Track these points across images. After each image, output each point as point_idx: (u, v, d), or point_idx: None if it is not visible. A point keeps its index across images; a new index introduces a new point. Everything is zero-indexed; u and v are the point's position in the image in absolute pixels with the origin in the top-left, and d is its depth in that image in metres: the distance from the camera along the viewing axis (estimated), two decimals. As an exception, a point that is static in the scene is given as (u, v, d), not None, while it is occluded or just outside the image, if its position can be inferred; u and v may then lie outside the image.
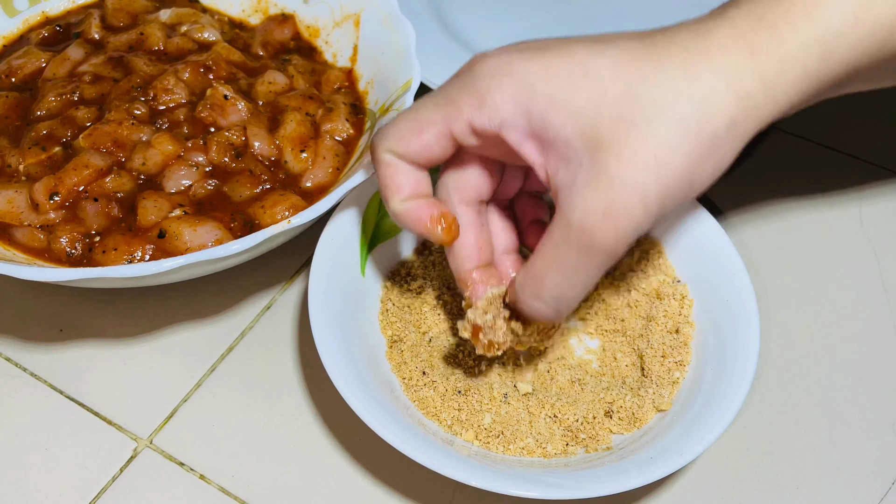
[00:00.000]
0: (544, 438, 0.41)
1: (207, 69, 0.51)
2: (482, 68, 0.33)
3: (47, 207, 0.45)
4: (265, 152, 0.49)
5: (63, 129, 0.48)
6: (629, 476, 0.37)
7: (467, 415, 0.42)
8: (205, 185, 0.47)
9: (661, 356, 0.44)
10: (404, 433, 0.38)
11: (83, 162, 0.46)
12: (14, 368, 0.47)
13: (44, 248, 0.45)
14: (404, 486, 0.43)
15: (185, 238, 0.44)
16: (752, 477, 0.44)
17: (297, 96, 0.51)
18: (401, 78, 0.49)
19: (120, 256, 0.43)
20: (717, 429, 0.39)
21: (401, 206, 0.37)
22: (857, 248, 0.54)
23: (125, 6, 0.56)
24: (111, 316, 0.49)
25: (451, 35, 0.64)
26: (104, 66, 0.52)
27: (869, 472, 0.44)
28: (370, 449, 0.44)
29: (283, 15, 0.58)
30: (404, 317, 0.46)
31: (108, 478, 0.43)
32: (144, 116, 0.49)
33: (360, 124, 0.51)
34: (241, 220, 0.45)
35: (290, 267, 0.51)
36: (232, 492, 0.42)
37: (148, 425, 0.45)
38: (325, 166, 0.48)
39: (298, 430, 0.45)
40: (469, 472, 0.37)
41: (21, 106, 0.51)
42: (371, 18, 0.54)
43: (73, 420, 0.45)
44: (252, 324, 0.49)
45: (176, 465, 0.43)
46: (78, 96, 0.51)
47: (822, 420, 0.46)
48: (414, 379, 0.43)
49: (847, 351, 0.49)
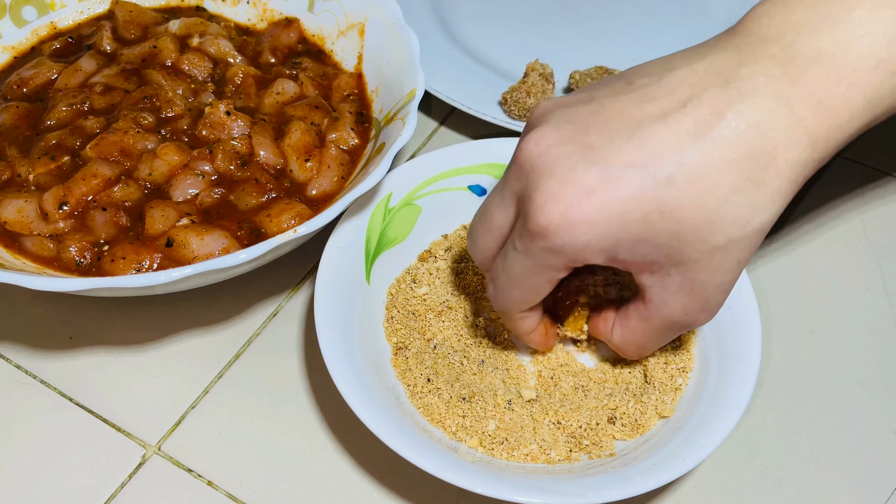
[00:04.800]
0: (548, 445, 0.41)
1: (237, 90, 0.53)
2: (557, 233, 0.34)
3: (56, 217, 0.46)
4: (271, 161, 0.49)
5: (72, 138, 0.49)
6: (632, 483, 0.37)
7: (471, 421, 0.42)
8: (211, 194, 0.47)
9: (663, 362, 0.44)
10: (409, 440, 0.38)
11: (91, 171, 0.47)
12: (24, 376, 0.47)
13: (53, 256, 0.45)
14: (409, 493, 0.43)
15: (193, 247, 0.44)
16: (754, 483, 0.44)
17: (303, 106, 0.52)
18: (405, 86, 0.50)
19: (128, 265, 0.44)
20: (720, 435, 0.39)
21: (527, 337, 0.43)
22: (860, 254, 0.54)
23: (135, 18, 0.57)
24: (119, 323, 0.49)
25: (455, 43, 0.64)
26: (117, 77, 0.53)
27: (872, 478, 0.44)
28: (375, 455, 0.44)
29: (287, 19, 0.58)
30: (409, 324, 0.46)
31: (117, 484, 0.43)
32: (151, 126, 0.50)
33: (365, 133, 0.52)
34: (247, 229, 0.46)
35: (296, 274, 0.52)
36: (239, 498, 0.43)
37: (156, 432, 0.45)
38: (330, 175, 0.49)
39: (304, 436, 0.45)
40: (473, 479, 0.37)
41: (31, 116, 0.51)
42: (376, 27, 0.54)
43: (82, 427, 0.45)
44: (259, 331, 0.49)
45: (184, 471, 0.44)
46: (88, 106, 0.51)
47: (824, 425, 0.46)
48: (419, 386, 0.43)
49: (849, 356, 0.49)
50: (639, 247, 0.34)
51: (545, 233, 0.34)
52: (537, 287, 0.38)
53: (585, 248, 0.34)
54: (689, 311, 0.36)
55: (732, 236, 0.33)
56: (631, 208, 0.33)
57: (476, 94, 0.59)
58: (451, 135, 0.61)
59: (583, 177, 0.33)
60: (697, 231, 0.33)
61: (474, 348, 0.45)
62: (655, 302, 0.37)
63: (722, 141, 0.32)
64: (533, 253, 0.36)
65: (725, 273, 0.35)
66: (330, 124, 0.51)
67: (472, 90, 0.59)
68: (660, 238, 0.34)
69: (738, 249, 0.34)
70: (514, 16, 0.68)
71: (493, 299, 0.41)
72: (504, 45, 0.65)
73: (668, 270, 0.35)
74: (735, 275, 0.35)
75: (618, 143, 0.33)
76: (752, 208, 0.33)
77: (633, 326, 0.40)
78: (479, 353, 0.45)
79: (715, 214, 0.33)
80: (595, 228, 0.33)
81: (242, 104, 0.52)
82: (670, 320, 0.37)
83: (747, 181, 0.32)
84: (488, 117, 0.57)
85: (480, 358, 0.45)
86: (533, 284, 0.38)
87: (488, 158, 0.51)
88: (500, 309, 0.41)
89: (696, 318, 0.37)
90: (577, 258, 0.35)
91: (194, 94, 0.52)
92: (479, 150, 0.51)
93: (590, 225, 0.33)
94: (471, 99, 0.58)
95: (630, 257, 0.35)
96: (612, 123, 0.34)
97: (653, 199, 0.33)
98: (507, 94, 0.57)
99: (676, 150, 0.32)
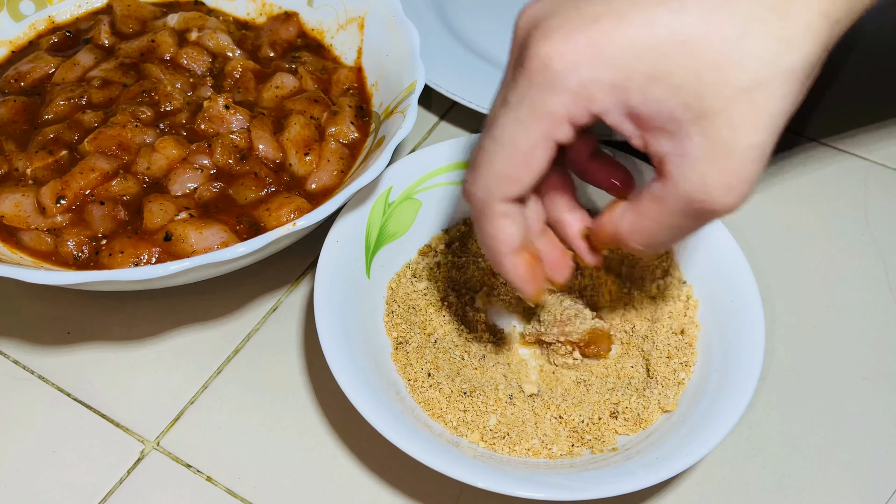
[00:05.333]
0: (550, 440, 0.41)
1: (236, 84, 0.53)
2: (560, 60, 0.30)
3: (54, 211, 0.45)
4: (270, 155, 0.49)
5: (70, 132, 0.49)
6: (635, 477, 0.37)
7: (473, 416, 0.42)
8: (210, 188, 0.47)
9: (666, 357, 0.44)
10: (410, 435, 0.38)
11: (89, 165, 0.46)
12: (22, 371, 0.47)
13: (51, 251, 0.45)
14: (410, 488, 0.43)
15: (192, 241, 0.44)
16: (757, 478, 0.44)
17: (303, 100, 0.51)
18: (405, 80, 0.49)
19: (126, 259, 0.44)
20: (723, 430, 0.39)
21: (508, 261, 0.35)
22: (863, 249, 0.54)
23: (133, 12, 0.57)
24: (118, 319, 0.49)
25: (455, 37, 0.64)
26: (115, 71, 0.52)
27: (875, 474, 0.44)
28: (376, 450, 0.44)
29: (286, 13, 0.58)
30: (409, 318, 0.46)
31: (116, 480, 0.43)
32: (149, 119, 0.49)
33: (365, 127, 0.51)
34: (246, 223, 0.46)
35: (296, 269, 0.52)
36: (238, 493, 0.42)
37: (155, 427, 0.45)
38: (329, 169, 0.49)
39: (305, 431, 0.45)
40: (475, 474, 0.37)
41: (29, 110, 0.51)
42: (375, 21, 0.54)
43: (80, 422, 0.45)
44: (258, 326, 0.49)
45: (183, 466, 0.43)
46: (86, 101, 0.51)
47: (827, 421, 0.46)
48: (419, 380, 0.43)
49: (853, 351, 0.49)
50: (653, 88, 0.30)
51: (547, 62, 0.30)
52: (529, 151, 0.32)
53: (592, 81, 0.30)
54: (710, 186, 0.30)
55: (758, 76, 0.29)
56: (642, 35, 0.29)
57: (476, 88, 0.58)
58: (452, 129, 0.60)
59: (587, 8, 0.30)
60: (718, 68, 0.29)
61: (475, 343, 0.45)
62: (673, 176, 0.31)
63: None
64: (528, 97, 0.31)
65: (754, 132, 0.29)
66: (329, 118, 0.51)
67: (473, 84, 0.59)
68: (676, 77, 0.29)
69: (767, 97, 0.29)
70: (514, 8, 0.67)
71: (472, 185, 0.34)
72: (504, 39, 0.64)
73: (688, 130, 0.30)
74: (765, 136, 0.30)
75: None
76: (780, 42, 0.29)
77: (645, 209, 0.33)
78: (479, 347, 0.45)
79: (736, 46, 0.29)
80: (603, 54, 0.29)
81: (241, 98, 0.52)
82: (688, 198, 0.31)
83: (770, 11, 0.29)
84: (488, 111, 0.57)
85: (481, 352, 0.45)
86: (525, 145, 0.32)
87: (489, 152, 0.51)
88: (479, 198, 0.34)
89: (719, 199, 0.31)
90: (581, 97, 0.30)
91: (193, 88, 0.52)
92: (479, 143, 0.51)
93: (597, 49, 0.30)
94: (471, 93, 0.58)
95: (644, 105, 0.30)
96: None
97: (665, 25, 0.29)
98: (507, 88, 0.57)
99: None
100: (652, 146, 0.32)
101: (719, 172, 0.30)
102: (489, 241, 0.35)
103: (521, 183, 0.33)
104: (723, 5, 0.29)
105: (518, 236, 0.35)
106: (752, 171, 0.30)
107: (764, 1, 0.29)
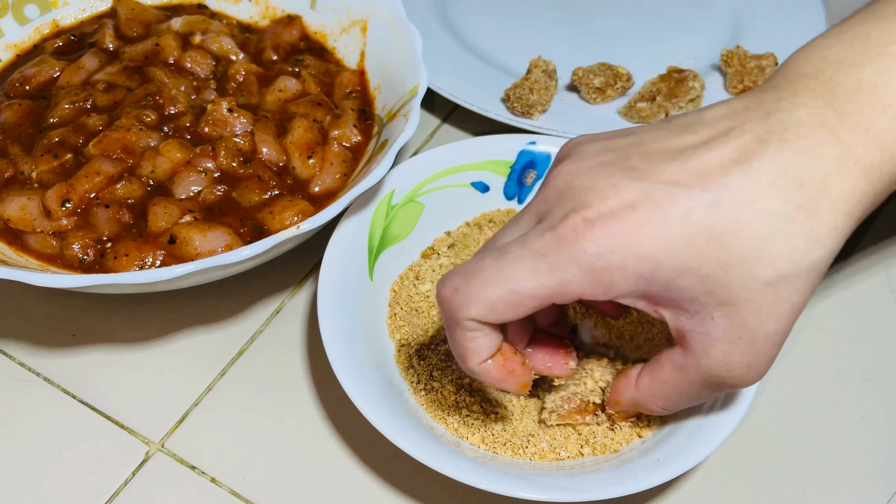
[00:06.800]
0: (559, 444, 0.41)
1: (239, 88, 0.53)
2: (592, 241, 0.30)
3: (59, 214, 0.46)
4: (273, 158, 0.49)
5: (75, 136, 0.49)
6: (636, 479, 0.37)
7: (475, 419, 0.42)
8: (214, 191, 0.47)
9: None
10: (413, 436, 0.38)
11: (94, 169, 0.47)
12: (27, 373, 0.47)
13: (56, 254, 0.45)
14: (413, 490, 0.43)
15: (196, 244, 0.44)
16: (759, 479, 0.44)
17: (306, 103, 0.52)
18: (408, 83, 0.49)
19: (131, 262, 0.44)
20: (724, 431, 0.39)
21: (478, 368, 0.35)
22: (865, 248, 0.54)
23: (137, 16, 0.57)
24: (123, 321, 0.49)
25: (458, 40, 0.64)
26: (119, 74, 0.53)
27: (876, 474, 0.44)
28: (379, 452, 0.44)
29: (289, 17, 0.58)
30: (412, 321, 0.46)
31: (121, 481, 0.43)
32: (153, 123, 0.50)
33: (368, 130, 0.52)
34: (250, 226, 0.46)
35: (299, 271, 0.52)
36: (243, 495, 0.43)
37: (159, 429, 0.45)
38: (332, 172, 0.49)
39: (308, 433, 0.45)
40: (478, 476, 0.37)
41: (34, 114, 0.51)
42: (378, 24, 0.54)
43: (85, 424, 0.45)
44: (262, 328, 0.49)
45: (187, 468, 0.44)
46: (90, 104, 0.51)
47: (829, 422, 0.46)
48: (422, 382, 0.43)
49: (854, 352, 0.49)
50: (680, 279, 0.31)
51: (579, 237, 0.30)
52: (525, 300, 0.32)
53: (618, 268, 0.31)
54: (732, 364, 0.32)
55: (784, 271, 0.30)
56: (676, 229, 0.30)
57: (479, 91, 0.59)
58: (454, 132, 0.61)
59: (625, 192, 0.31)
60: (746, 263, 0.30)
61: None
62: (695, 351, 0.33)
63: (768, 166, 0.30)
64: (552, 256, 0.31)
65: (777, 320, 0.31)
66: (332, 121, 0.51)
67: (475, 87, 0.59)
68: (705, 268, 0.30)
69: (791, 290, 0.31)
70: (516, 12, 0.68)
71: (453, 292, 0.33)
72: (507, 42, 0.65)
73: (712, 312, 0.31)
74: (787, 324, 0.32)
75: (661, 166, 0.31)
76: (807, 241, 0.30)
77: (665, 377, 0.35)
78: None
79: (765, 244, 0.30)
80: (634, 247, 0.30)
81: (245, 101, 0.52)
82: (709, 374, 0.33)
83: (799, 210, 0.30)
84: (491, 114, 0.57)
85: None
86: (527, 292, 0.32)
87: (491, 155, 0.51)
88: (454, 307, 0.33)
89: (740, 376, 0.33)
90: (603, 281, 0.31)
91: (196, 92, 0.52)
92: (481, 146, 0.51)
93: (630, 240, 0.30)
94: (473, 96, 0.58)
95: (666, 292, 0.31)
96: (654, 151, 0.32)
97: (699, 220, 0.30)
98: (509, 91, 0.57)
99: (721, 173, 0.30)
100: (668, 320, 0.33)
101: (742, 354, 0.32)
102: (458, 349, 0.35)
103: (500, 317, 0.33)
104: (755, 203, 0.30)
105: (490, 348, 0.34)
106: (773, 353, 0.33)
107: (793, 199, 0.30)
